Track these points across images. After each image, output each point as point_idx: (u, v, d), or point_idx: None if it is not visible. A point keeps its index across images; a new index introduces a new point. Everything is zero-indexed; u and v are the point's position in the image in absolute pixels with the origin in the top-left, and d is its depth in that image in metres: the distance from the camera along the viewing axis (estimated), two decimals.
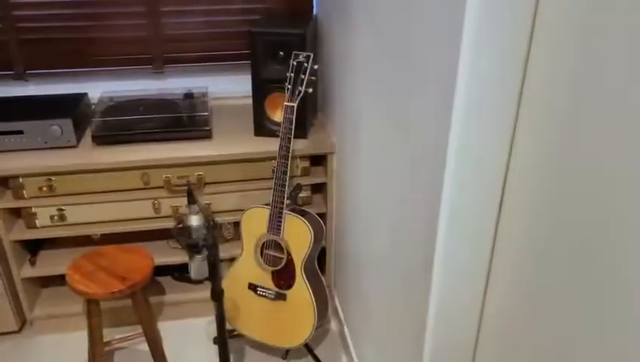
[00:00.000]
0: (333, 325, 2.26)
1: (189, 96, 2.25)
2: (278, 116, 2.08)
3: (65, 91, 2.29)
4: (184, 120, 2.09)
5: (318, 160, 2.20)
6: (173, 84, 2.39)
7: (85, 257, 1.83)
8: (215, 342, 2.16)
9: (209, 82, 2.40)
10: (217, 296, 1.13)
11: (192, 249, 1.12)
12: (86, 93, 2.23)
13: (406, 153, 1.25)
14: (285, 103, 1.80)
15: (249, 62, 2.37)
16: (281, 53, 1.99)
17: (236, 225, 2.18)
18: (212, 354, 2.11)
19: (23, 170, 1.89)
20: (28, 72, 2.22)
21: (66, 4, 2.15)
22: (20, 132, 1.94)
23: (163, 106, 2.15)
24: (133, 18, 2.22)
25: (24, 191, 1.94)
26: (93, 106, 2.21)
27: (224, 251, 2.10)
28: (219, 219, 2.11)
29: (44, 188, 1.95)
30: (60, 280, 2.32)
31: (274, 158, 2.07)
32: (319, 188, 2.29)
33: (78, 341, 2.18)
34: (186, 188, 2.03)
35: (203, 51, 2.34)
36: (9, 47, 2.17)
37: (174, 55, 2.32)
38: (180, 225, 1.15)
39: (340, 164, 2.01)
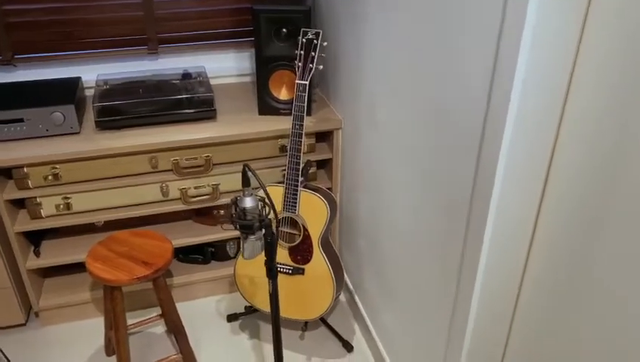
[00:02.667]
0: (342, 295, 2.33)
1: (186, 76, 2.22)
2: (282, 94, 2.09)
3: (55, 76, 2.21)
4: (187, 101, 2.06)
5: (322, 136, 2.23)
6: (165, 65, 2.34)
7: (101, 244, 1.81)
8: (229, 320, 2.19)
9: (203, 61, 2.37)
10: (274, 274, 1.16)
11: (247, 230, 1.15)
12: (80, 78, 2.16)
13: (445, 116, 1.31)
14: (297, 81, 1.82)
15: (244, 39, 2.37)
16: (285, 30, 1.99)
17: None
18: (228, 331, 2.15)
19: (28, 159, 1.83)
20: (16, 56, 2.12)
21: None
22: (20, 120, 1.88)
23: (163, 88, 2.12)
24: None
25: (29, 181, 1.89)
26: (92, 91, 2.15)
27: None
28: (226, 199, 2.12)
29: (50, 177, 1.90)
30: (60, 269, 2.29)
31: (281, 137, 2.09)
32: (322, 164, 2.33)
33: (87, 329, 2.17)
34: (194, 169, 2.03)
35: (197, 30, 2.30)
36: None
37: (167, 35, 2.27)
38: (234, 207, 1.17)
39: (347, 138, 2.05)
